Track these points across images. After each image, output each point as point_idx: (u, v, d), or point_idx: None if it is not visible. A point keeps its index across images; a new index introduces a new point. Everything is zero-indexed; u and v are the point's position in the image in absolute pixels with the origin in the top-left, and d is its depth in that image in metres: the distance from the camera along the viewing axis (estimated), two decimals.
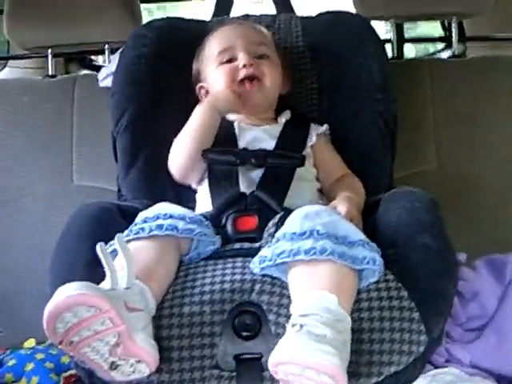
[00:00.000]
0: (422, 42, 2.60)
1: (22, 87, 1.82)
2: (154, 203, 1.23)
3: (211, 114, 1.35)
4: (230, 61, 1.40)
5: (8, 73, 2.51)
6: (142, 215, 1.16)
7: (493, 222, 1.71)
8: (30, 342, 1.51)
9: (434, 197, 1.25)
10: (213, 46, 1.44)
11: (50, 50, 1.85)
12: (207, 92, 1.46)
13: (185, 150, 1.35)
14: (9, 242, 1.71)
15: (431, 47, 2.79)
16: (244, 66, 1.38)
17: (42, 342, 1.47)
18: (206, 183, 1.33)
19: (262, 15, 1.65)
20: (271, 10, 1.88)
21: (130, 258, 1.00)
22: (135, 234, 1.11)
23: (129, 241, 1.09)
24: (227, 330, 1.04)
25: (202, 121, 1.35)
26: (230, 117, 1.41)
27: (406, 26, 2.26)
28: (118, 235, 1.02)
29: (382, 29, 1.96)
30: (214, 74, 1.42)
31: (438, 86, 1.76)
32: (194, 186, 1.39)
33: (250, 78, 1.38)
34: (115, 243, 1.02)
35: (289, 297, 1.05)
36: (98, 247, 0.98)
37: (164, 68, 1.51)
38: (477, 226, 1.69)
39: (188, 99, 1.48)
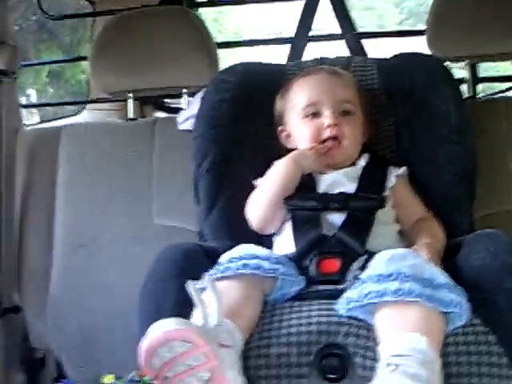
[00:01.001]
0: (498, 81, 2.57)
1: (104, 130, 1.88)
2: (235, 244, 1.26)
3: (295, 169, 1.39)
4: (314, 114, 1.44)
5: (86, 115, 2.60)
6: (226, 255, 1.19)
7: None
8: (110, 378, 1.55)
9: None
10: (300, 95, 1.47)
11: (130, 94, 1.92)
12: (288, 136, 1.50)
13: (266, 203, 1.39)
14: (88, 281, 1.75)
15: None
16: (329, 125, 1.41)
17: (120, 377, 1.51)
18: (287, 227, 1.36)
19: (336, 58, 1.68)
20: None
21: (218, 295, 1.03)
22: (222, 272, 1.14)
23: (215, 280, 1.12)
24: (314, 372, 1.05)
25: (285, 175, 1.39)
26: None
27: None
28: (206, 273, 1.05)
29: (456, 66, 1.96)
30: (298, 124, 1.46)
31: None
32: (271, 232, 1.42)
33: (333, 137, 1.41)
34: (204, 281, 1.05)
35: (375, 339, 1.06)
36: (189, 285, 1.01)
37: (244, 111, 1.55)
38: None
39: (267, 141, 1.53)
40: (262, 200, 1.40)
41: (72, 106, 2.69)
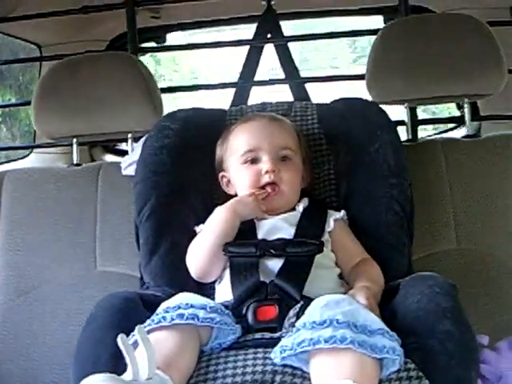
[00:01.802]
0: (437, 123, 2.63)
1: (48, 176, 1.86)
2: (176, 291, 1.26)
3: (233, 218, 1.40)
4: (253, 160, 1.46)
5: (33, 158, 2.59)
6: (163, 305, 1.18)
7: None
8: None
9: (454, 277, 1.26)
10: (239, 141, 1.49)
11: (74, 140, 1.91)
12: (229, 182, 1.52)
13: (204, 254, 1.39)
14: (31, 330, 1.72)
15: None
16: (267, 171, 1.43)
17: None
18: (226, 274, 1.36)
19: (278, 103, 1.70)
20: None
21: (150, 348, 1.02)
22: (157, 323, 1.13)
23: (150, 330, 1.12)
24: None
25: (224, 224, 1.40)
26: None
27: None
28: (138, 326, 1.04)
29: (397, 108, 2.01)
30: (237, 170, 1.48)
31: (453, 165, 1.78)
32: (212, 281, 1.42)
33: (272, 183, 1.43)
34: (136, 334, 1.04)
35: None
36: (119, 339, 1.00)
37: (185, 157, 1.56)
38: (499, 307, 1.67)
39: (209, 187, 1.54)
40: (201, 250, 1.40)
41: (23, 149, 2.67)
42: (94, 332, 1.22)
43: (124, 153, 2.10)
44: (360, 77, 1.91)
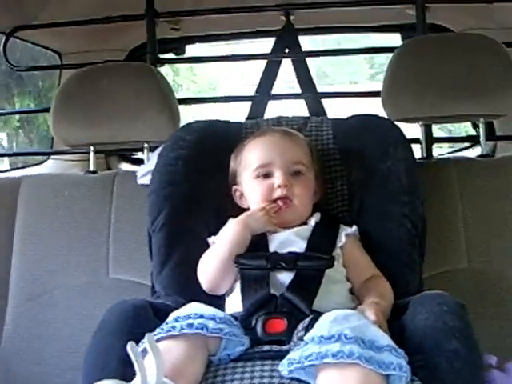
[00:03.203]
0: (452, 141, 2.63)
1: (63, 182, 1.89)
2: (187, 301, 1.27)
3: (244, 232, 1.41)
4: (266, 175, 1.47)
5: (51, 164, 2.62)
6: (173, 314, 1.19)
7: None
8: None
9: (464, 296, 1.27)
10: (252, 156, 1.50)
11: (92, 148, 1.94)
12: (241, 195, 1.53)
13: (215, 267, 1.40)
14: (41, 335, 1.74)
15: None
16: (279, 186, 1.44)
17: None
18: (237, 285, 1.37)
19: (294, 117, 1.71)
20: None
21: (159, 356, 1.03)
22: (166, 332, 1.14)
23: (160, 339, 1.13)
24: None
25: (235, 239, 1.41)
26: None
27: None
28: (147, 334, 1.06)
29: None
30: (250, 185, 1.49)
31: (466, 185, 1.78)
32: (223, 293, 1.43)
33: (283, 198, 1.44)
34: (145, 342, 1.05)
35: None
36: (128, 346, 1.01)
37: (201, 169, 1.57)
38: (509, 328, 1.67)
39: (223, 199, 1.55)
40: (212, 264, 1.41)
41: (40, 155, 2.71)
42: (103, 338, 1.23)
43: (140, 162, 2.13)
44: (376, 93, 1.92)
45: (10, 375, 1.73)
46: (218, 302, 1.40)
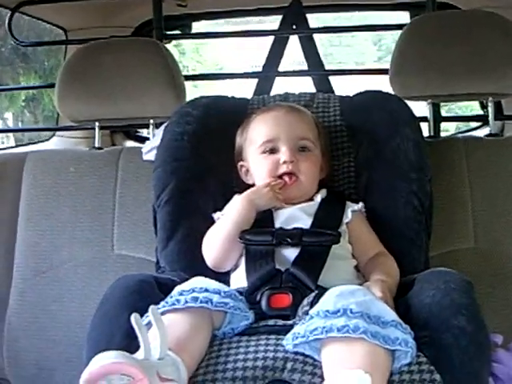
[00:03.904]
0: (460, 120, 2.60)
1: (69, 158, 1.88)
2: (191, 276, 1.27)
3: (249, 209, 1.40)
4: (272, 150, 1.46)
5: (56, 141, 2.62)
6: (178, 288, 1.19)
7: None
8: None
9: (470, 276, 1.26)
10: (258, 131, 1.49)
11: (97, 123, 1.92)
12: (247, 171, 1.52)
13: (220, 244, 1.39)
14: (47, 310, 1.74)
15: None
16: (284, 162, 1.43)
17: None
18: (242, 261, 1.36)
19: (300, 93, 1.70)
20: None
21: (163, 329, 1.03)
22: (170, 305, 1.14)
23: (164, 312, 1.13)
24: None
25: (240, 215, 1.40)
26: None
27: None
28: (151, 307, 1.05)
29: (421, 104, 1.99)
30: (255, 160, 1.48)
31: (474, 164, 1.76)
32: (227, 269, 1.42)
33: (289, 173, 1.43)
34: (149, 314, 1.04)
35: (320, 376, 1.06)
36: (132, 318, 1.00)
37: (206, 144, 1.56)
38: None
39: (228, 174, 1.55)
40: (217, 241, 1.40)
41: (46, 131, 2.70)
42: (108, 311, 1.23)
43: (145, 139, 2.11)
44: (384, 71, 1.90)
45: (15, 350, 1.74)
46: (223, 277, 1.40)
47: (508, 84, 1.79)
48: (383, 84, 1.87)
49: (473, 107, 2.96)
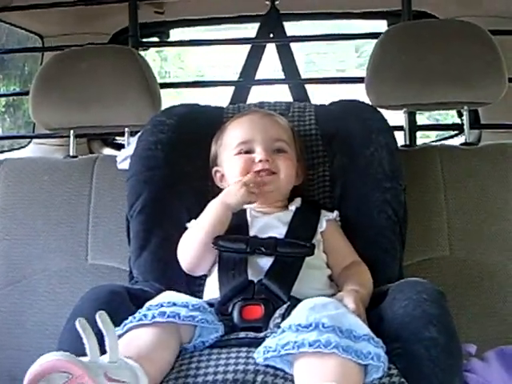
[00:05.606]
0: (436, 129, 2.61)
1: (43, 166, 1.86)
2: (164, 286, 1.27)
3: (224, 211, 1.38)
4: (247, 152, 1.45)
5: (33, 149, 2.59)
6: (147, 304, 1.17)
7: (506, 311, 1.68)
8: None
9: (445, 284, 1.26)
10: (233, 135, 1.48)
11: (72, 131, 1.90)
12: (222, 176, 1.50)
13: (195, 246, 1.38)
14: (20, 320, 1.72)
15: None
16: (260, 160, 1.42)
17: None
18: (215, 269, 1.35)
19: (276, 102, 1.70)
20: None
21: (111, 332, 1.01)
22: (138, 320, 1.13)
23: (132, 328, 1.12)
24: None
25: (213, 217, 1.38)
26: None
27: None
28: (99, 312, 1.03)
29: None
30: (230, 161, 1.47)
31: (450, 172, 1.77)
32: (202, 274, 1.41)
33: (266, 170, 1.42)
34: (97, 319, 1.02)
35: None
36: (77, 322, 0.99)
37: (180, 153, 1.55)
38: (489, 317, 1.66)
39: (203, 183, 1.54)
40: (191, 244, 1.39)
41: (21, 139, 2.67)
42: (75, 325, 1.21)
43: (123, 147, 2.10)
44: (361, 80, 1.90)
45: None
46: (196, 288, 1.39)
47: (483, 93, 1.80)
48: (362, 90, 1.87)
49: (453, 114, 2.98)
